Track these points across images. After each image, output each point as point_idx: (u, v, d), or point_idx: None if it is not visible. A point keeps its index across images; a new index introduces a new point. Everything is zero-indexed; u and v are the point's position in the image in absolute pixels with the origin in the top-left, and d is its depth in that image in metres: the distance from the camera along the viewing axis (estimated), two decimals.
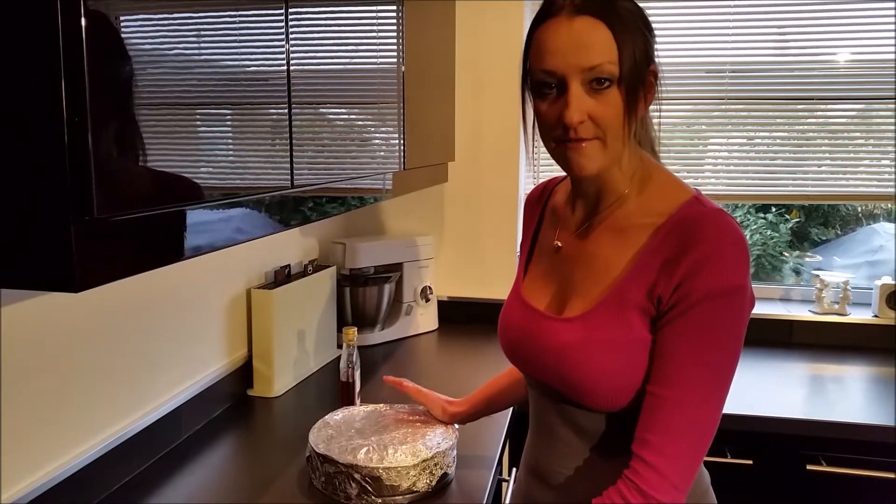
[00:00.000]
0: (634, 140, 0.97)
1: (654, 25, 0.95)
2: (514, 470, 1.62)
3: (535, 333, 1.02)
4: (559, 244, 1.06)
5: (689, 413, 0.88)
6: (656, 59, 0.95)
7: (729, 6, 2.19)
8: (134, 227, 0.74)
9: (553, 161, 0.98)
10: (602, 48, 0.88)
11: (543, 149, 0.98)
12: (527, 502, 1.11)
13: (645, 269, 0.93)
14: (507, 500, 1.51)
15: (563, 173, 1.03)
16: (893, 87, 2.14)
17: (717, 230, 0.90)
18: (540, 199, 1.16)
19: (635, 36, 0.90)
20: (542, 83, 0.93)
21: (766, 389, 1.84)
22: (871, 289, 2.28)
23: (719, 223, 0.90)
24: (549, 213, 1.12)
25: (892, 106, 2.15)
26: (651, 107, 0.98)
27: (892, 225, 2.53)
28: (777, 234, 2.59)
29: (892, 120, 2.17)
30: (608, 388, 0.93)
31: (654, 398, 0.90)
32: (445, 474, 1.29)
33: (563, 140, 0.93)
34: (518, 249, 2.36)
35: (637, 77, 0.91)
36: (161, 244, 0.80)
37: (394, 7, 1.58)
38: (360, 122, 1.45)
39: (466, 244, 2.41)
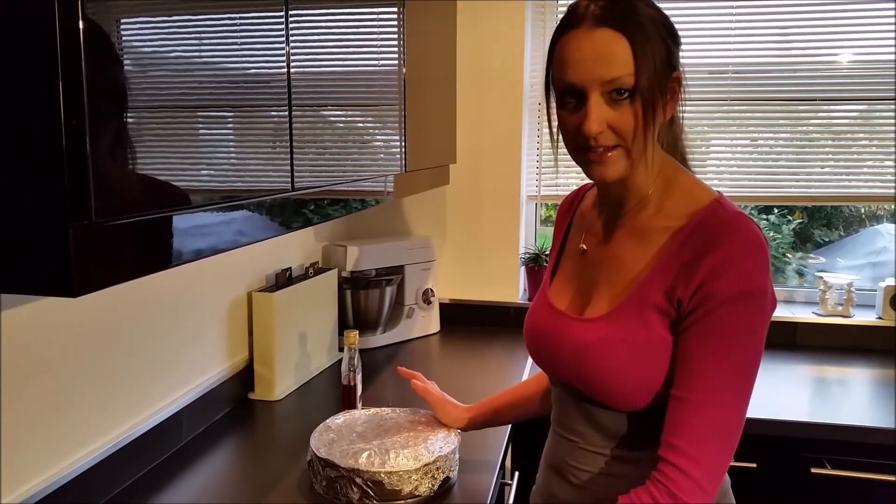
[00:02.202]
0: (658, 144, 0.98)
1: None
2: (517, 474, 1.62)
3: (556, 333, 1.04)
4: (584, 247, 1.08)
5: (713, 416, 0.89)
6: (681, 66, 0.95)
7: (732, 7, 2.19)
8: (133, 230, 0.73)
9: (574, 165, 1.00)
10: (621, 61, 0.89)
11: (564, 153, 0.99)
12: (546, 498, 1.12)
13: (664, 271, 0.94)
14: (511, 499, 1.50)
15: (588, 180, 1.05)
16: None
17: (737, 233, 0.90)
18: (571, 206, 1.18)
19: (656, 46, 0.91)
20: (563, 92, 0.94)
21: (769, 392, 1.83)
22: (875, 290, 2.27)
23: (739, 226, 0.91)
24: (578, 218, 1.14)
25: (895, 106, 2.15)
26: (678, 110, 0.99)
27: (895, 226, 2.52)
28: (780, 236, 2.58)
29: (895, 121, 2.16)
30: (626, 388, 0.94)
31: (678, 402, 0.90)
32: (448, 478, 1.28)
33: (583, 148, 0.94)
34: (521, 251, 2.37)
35: (656, 87, 0.91)
36: (160, 248, 0.80)
37: (395, 9, 1.57)
38: (360, 125, 1.45)
39: (468, 246, 2.41)
